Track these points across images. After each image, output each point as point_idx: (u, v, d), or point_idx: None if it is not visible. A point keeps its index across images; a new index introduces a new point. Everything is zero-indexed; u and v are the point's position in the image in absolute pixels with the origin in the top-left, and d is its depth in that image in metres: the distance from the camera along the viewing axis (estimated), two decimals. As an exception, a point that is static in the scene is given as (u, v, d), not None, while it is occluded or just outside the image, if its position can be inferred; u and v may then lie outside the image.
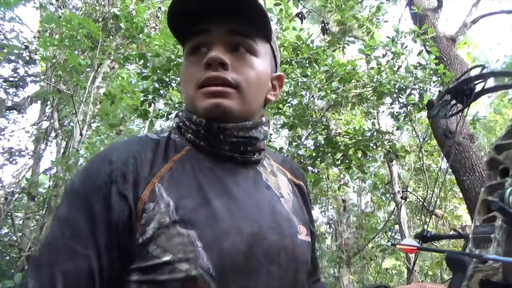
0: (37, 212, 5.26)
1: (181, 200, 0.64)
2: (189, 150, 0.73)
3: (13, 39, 4.71)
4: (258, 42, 0.75)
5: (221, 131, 0.71)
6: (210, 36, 0.71)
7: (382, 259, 8.31)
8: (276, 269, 0.66)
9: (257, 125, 0.76)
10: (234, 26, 0.72)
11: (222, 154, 0.73)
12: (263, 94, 0.78)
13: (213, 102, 0.69)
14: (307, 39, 3.69)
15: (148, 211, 0.62)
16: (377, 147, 3.78)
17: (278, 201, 0.76)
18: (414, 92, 3.65)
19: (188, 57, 0.75)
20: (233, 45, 0.72)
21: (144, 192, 0.63)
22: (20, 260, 4.17)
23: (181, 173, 0.68)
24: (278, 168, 0.86)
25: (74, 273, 0.58)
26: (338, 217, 8.54)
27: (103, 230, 0.60)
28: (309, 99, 3.67)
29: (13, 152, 5.47)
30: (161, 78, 3.41)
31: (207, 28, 0.71)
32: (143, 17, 5.28)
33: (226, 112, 0.70)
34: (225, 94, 0.69)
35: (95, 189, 0.62)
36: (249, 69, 0.73)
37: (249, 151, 0.76)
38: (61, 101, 5.28)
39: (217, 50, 0.70)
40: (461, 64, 4.03)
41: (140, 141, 0.72)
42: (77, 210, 0.61)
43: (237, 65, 0.71)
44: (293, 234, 0.73)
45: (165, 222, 0.61)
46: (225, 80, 0.69)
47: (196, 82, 0.71)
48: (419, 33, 3.69)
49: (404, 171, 8.69)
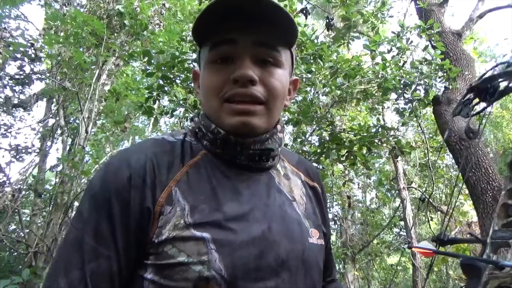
0: (44, 208, 5.30)
1: (196, 204, 0.65)
2: (205, 154, 0.74)
3: (18, 37, 4.73)
4: (282, 51, 0.73)
5: (238, 144, 0.72)
6: (236, 47, 0.69)
7: (387, 255, 8.30)
8: (286, 273, 0.67)
9: (272, 135, 0.76)
10: (261, 38, 0.70)
11: (237, 162, 0.74)
12: (284, 103, 0.78)
13: (241, 121, 0.69)
14: (311, 35, 3.68)
15: (165, 213, 0.64)
16: (382, 143, 3.77)
17: (290, 205, 0.77)
18: (419, 87, 3.63)
19: (211, 64, 0.72)
20: (260, 58, 0.71)
21: (162, 195, 0.65)
22: (27, 256, 4.21)
23: (197, 177, 0.70)
24: (293, 170, 0.86)
25: (99, 274, 0.61)
26: (343, 213, 8.53)
27: (122, 232, 0.63)
28: (313, 95, 3.65)
29: (20, 150, 5.51)
30: (166, 75, 3.42)
31: (234, 38, 0.69)
32: (147, 14, 5.29)
33: (253, 130, 0.70)
34: (253, 113, 0.69)
35: (115, 193, 0.64)
36: (275, 82, 0.72)
37: (265, 160, 0.77)
38: (66, 98, 5.30)
39: (246, 65, 0.68)
40: (467, 60, 3.99)
41: (157, 144, 0.73)
42: (97, 213, 0.63)
43: (265, 79, 0.70)
44: (303, 238, 0.73)
45: (180, 225, 0.63)
46: (253, 97, 0.69)
47: (221, 94, 0.70)
48: (424, 28, 3.66)
49: (409, 167, 8.65)
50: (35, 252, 4.09)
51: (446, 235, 0.89)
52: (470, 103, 1.19)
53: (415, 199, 8.19)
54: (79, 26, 4.39)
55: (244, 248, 0.64)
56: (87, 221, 0.63)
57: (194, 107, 3.61)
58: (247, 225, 0.66)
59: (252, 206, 0.70)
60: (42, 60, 5.06)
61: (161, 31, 5.42)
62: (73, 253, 0.61)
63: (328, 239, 0.89)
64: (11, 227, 6.89)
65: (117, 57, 5.54)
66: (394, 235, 9.55)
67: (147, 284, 0.63)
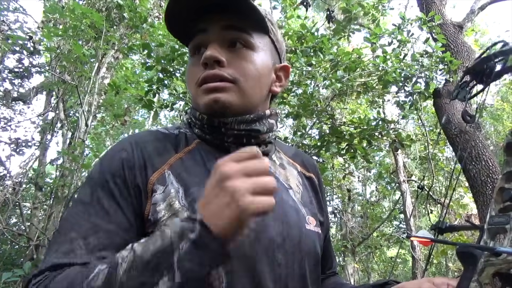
0: (44, 202, 5.32)
1: (190, 187, 0.68)
2: (199, 143, 0.76)
3: (17, 30, 4.69)
4: (255, 35, 0.76)
5: (222, 125, 0.73)
6: (206, 35, 0.74)
7: (387, 247, 8.33)
8: (282, 257, 0.68)
9: (260, 118, 0.76)
10: (228, 22, 0.73)
11: (226, 146, 0.75)
12: (265, 86, 0.79)
13: (211, 98, 0.71)
14: (311, 28, 3.66)
15: (158, 192, 0.67)
16: (382, 136, 3.77)
17: (286, 192, 0.78)
18: (420, 80, 3.62)
19: (191, 58, 0.78)
20: (229, 41, 0.73)
21: (154, 175, 0.68)
22: (29, 249, 4.24)
23: (191, 163, 0.72)
24: (289, 161, 0.88)
25: (99, 246, 0.61)
26: (343, 206, 8.56)
27: (126, 208, 0.65)
28: (314, 88, 3.64)
29: (20, 143, 5.51)
30: (165, 68, 3.41)
31: (203, 27, 0.74)
32: (146, 6, 5.25)
33: (225, 106, 0.71)
34: (222, 89, 0.71)
35: (113, 173, 0.67)
36: (246, 63, 0.74)
37: (254, 144, 0.77)
38: (66, 91, 5.29)
39: (212, 48, 0.71)
40: (468, 52, 3.97)
41: (150, 134, 0.77)
42: (98, 193, 0.66)
43: (234, 60, 0.73)
44: (300, 224, 0.74)
45: (175, 206, 0.65)
46: (221, 77, 0.71)
47: (196, 81, 0.74)
48: (425, 21, 3.63)
49: (409, 160, 8.66)
50: (36, 245, 4.12)
51: (445, 223, 0.88)
52: (467, 86, 1.18)
53: (415, 192, 8.21)
54: (78, 19, 4.36)
55: None
56: (89, 202, 0.65)
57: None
58: None
59: None
60: (41, 53, 5.04)
61: (161, 24, 5.38)
62: (71, 233, 0.62)
63: (327, 230, 0.89)
64: (12, 220, 6.92)
65: (116, 50, 5.51)
66: (394, 228, 9.60)
67: None
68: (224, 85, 0.71)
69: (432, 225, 0.90)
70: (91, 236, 0.61)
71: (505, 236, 0.62)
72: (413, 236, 0.90)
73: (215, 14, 0.73)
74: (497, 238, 0.64)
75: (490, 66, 1.04)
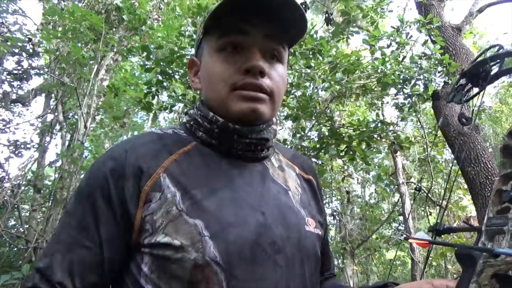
0: (43, 204, 5.31)
1: (188, 190, 0.66)
2: (196, 145, 0.75)
3: (16, 32, 4.69)
4: (285, 47, 0.77)
5: (236, 132, 0.73)
6: (247, 38, 0.71)
7: (387, 249, 8.32)
8: (282, 259, 0.67)
9: (268, 126, 0.77)
10: (272, 32, 0.72)
11: (232, 152, 0.75)
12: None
13: (250, 107, 0.70)
14: (310, 30, 3.66)
15: (154, 200, 0.65)
16: (381, 138, 3.77)
17: (285, 194, 0.77)
18: (419, 82, 3.62)
19: (218, 52, 0.73)
20: (269, 52, 0.73)
21: (148, 183, 0.66)
22: (27, 251, 4.22)
23: (188, 165, 0.70)
24: (287, 163, 0.87)
25: (80, 263, 0.63)
26: (342, 208, 8.55)
27: (106, 223, 0.64)
28: (313, 91, 3.65)
29: (19, 145, 5.49)
30: (164, 70, 3.41)
31: (246, 29, 0.71)
32: (145, 8, 5.26)
33: (260, 118, 0.72)
34: (262, 100, 0.71)
35: (98, 185, 0.66)
36: (279, 77, 0.74)
37: (259, 150, 0.78)
38: (65, 93, 5.28)
39: (259, 57, 0.71)
40: (467, 54, 3.98)
41: (143, 136, 0.75)
42: (82, 206, 0.66)
43: (271, 73, 0.73)
44: (300, 226, 0.74)
45: (172, 211, 0.63)
46: (262, 88, 0.71)
47: (230, 84, 0.71)
48: (424, 23, 3.64)
49: (408, 162, 8.66)
50: (35, 248, 4.10)
51: (442, 225, 0.88)
52: (463, 89, 1.19)
53: (414, 194, 8.20)
54: (77, 21, 4.37)
55: (238, 234, 0.64)
56: (72, 214, 0.67)
57: (193, 102, 3.60)
58: (241, 212, 0.67)
59: (246, 193, 0.70)
60: (40, 55, 5.03)
61: (160, 26, 5.38)
62: (55, 242, 0.65)
63: (325, 232, 0.89)
64: (10, 222, 6.90)
65: (115, 52, 5.52)
66: (393, 230, 9.59)
67: (143, 276, 0.63)
68: (262, 97, 0.71)
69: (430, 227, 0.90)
70: (68, 253, 0.63)
71: (503, 238, 0.62)
72: (411, 238, 0.90)
73: (261, 18, 0.71)
74: (495, 239, 0.64)
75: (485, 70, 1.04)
